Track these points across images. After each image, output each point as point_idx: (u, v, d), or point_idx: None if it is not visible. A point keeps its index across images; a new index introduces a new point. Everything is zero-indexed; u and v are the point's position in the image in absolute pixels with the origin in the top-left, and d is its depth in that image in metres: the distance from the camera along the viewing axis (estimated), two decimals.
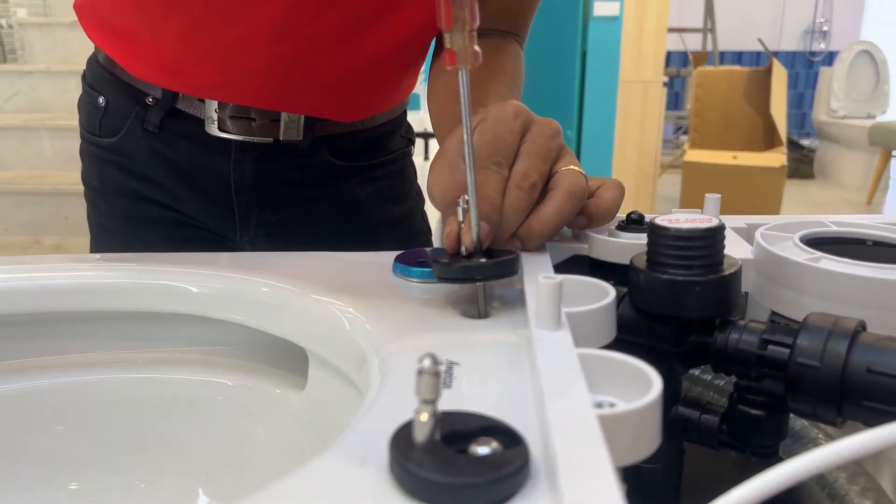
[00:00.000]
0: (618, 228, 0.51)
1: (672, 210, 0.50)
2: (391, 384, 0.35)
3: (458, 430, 0.28)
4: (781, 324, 0.39)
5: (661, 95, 3.74)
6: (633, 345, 0.41)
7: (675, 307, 0.38)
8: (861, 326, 0.34)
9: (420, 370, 0.26)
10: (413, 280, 0.51)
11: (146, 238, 0.86)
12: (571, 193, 0.49)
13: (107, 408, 0.56)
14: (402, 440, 0.28)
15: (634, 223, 0.51)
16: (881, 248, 0.48)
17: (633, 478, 0.42)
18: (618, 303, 0.41)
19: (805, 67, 6.95)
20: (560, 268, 0.51)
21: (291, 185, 0.84)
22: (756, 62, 6.62)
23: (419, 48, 0.81)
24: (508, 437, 0.28)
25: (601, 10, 3.34)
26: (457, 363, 0.37)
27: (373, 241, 0.90)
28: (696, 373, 0.51)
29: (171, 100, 0.80)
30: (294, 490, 0.27)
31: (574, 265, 0.52)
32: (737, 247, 0.50)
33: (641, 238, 0.48)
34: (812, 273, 0.41)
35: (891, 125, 5.08)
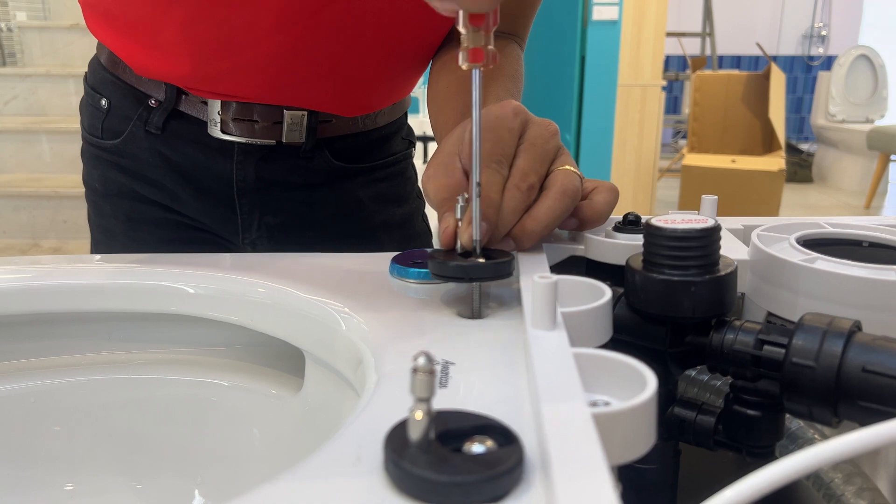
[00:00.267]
0: (614, 229, 0.51)
1: (669, 211, 0.50)
2: (387, 383, 0.35)
3: (453, 429, 0.28)
4: (777, 324, 0.39)
5: (660, 99, 3.74)
6: (630, 345, 0.41)
7: (671, 307, 0.38)
8: (856, 326, 0.34)
9: (415, 368, 0.26)
10: (410, 281, 0.51)
11: (147, 240, 0.86)
12: (565, 193, 0.49)
13: (103, 409, 0.56)
14: (397, 439, 0.28)
15: (631, 224, 0.51)
16: (877, 249, 0.48)
17: (630, 478, 0.42)
18: (614, 303, 0.41)
19: (803, 72, 6.96)
20: (557, 268, 0.51)
21: (293, 188, 0.84)
22: (754, 66, 6.63)
23: (423, 43, 0.81)
24: (503, 436, 0.28)
25: (600, 15, 3.35)
26: (452, 363, 0.37)
27: (374, 243, 0.90)
28: (693, 373, 0.51)
29: (174, 102, 0.80)
30: (288, 489, 0.27)
31: (571, 266, 0.52)
32: (733, 247, 0.50)
33: (638, 239, 0.48)
34: (808, 274, 0.41)
35: (889, 129, 5.08)
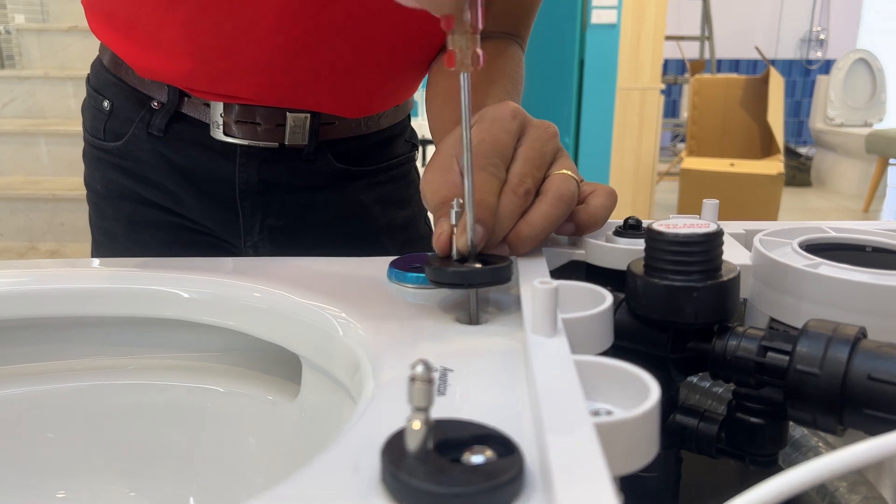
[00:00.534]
0: (615, 234, 0.51)
1: (670, 215, 0.49)
2: (384, 391, 0.35)
3: (452, 439, 0.28)
4: (780, 330, 0.38)
5: (659, 103, 3.75)
6: (631, 351, 0.40)
7: (673, 313, 0.38)
8: (861, 333, 0.34)
9: (412, 377, 0.25)
10: (408, 286, 0.50)
11: (149, 242, 0.85)
12: (560, 198, 0.48)
13: (97, 414, 0.55)
14: (395, 448, 0.27)
15: (632, 228, 0.50)
16: (881, 254, 0.47)
17: (631, 487, 0.41)
18: (615, 309, 0.40)
19: (802, 76, 6.98)
20: (557, 273, 0.51)
21: (296, 190, 0.84)
22: (753, 70, 6.64)
23: (425, 45, 0.80)
24: (503, 446, 0.28)
25: (599, 18, 3.35)
26: (451, 370, 0.37)
27: (376, 246, 0.90)
28: (695, 380, 0.50)
29: (177, 104, 0.80)
30: (284, 498, 0.26)
31: (571, 271, 0.52)
32: (735, 253, 0.49)
33: (639, 243, 0.48)
34: (811, 279, 0.41)
35: (888, 133, 5.09)
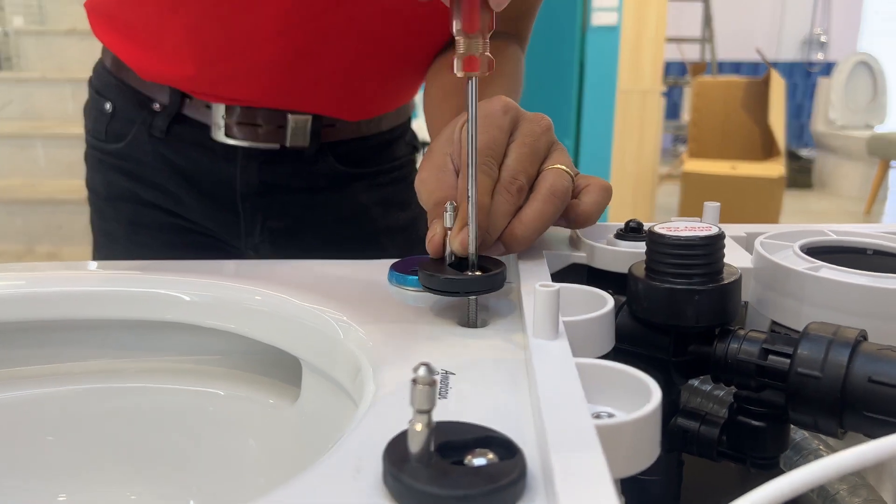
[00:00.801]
0: (616, 237, 0.51)
1: (671, 218, 0.49)
2: (386, 394, 0.35)
3: (454, 441, 0.28)
4: (782, 333, 0.38)
5: (660, 105, 3.74)
6: (632, 354, 0.40)
7: (675, 316, 0.38)
8: (862, 336, 0.34)
9: (415, 380, 0.25)
10: (409, 288, 0.50)
11: (150, 244, 0.86)
12: (553, 195, 0.47)
13: (98, 418, 0.55)
14: (397, 451, 0.27)
15: (633, 231, 0.50)
16: (881, 258, 0.47)
17: (633, 490, 0.41)
18: (616, 312, 0.41)
19: (803, 78, 6.98)
20: (558, 276, 0.51)
21: (297, 192, 0.84)
22: (754, 72, 6.64)
23: (427, 47, 0.81)
24: (505, 448, 0.28)
25: (599, 20, 3.35)
26: (453, 373, 0.37)
27: (377, 248, 0.90)
28: (696, 383, 0.50)
29: (178, 106, 0.80)
30: (286, 501, 0.26)
31: (572, 274, 0.52)
32: (736, 255, 0.49)
33: (640, 246, 0.48)
34: (812, 282, 0.41)
35: (889, 136, 5.09)
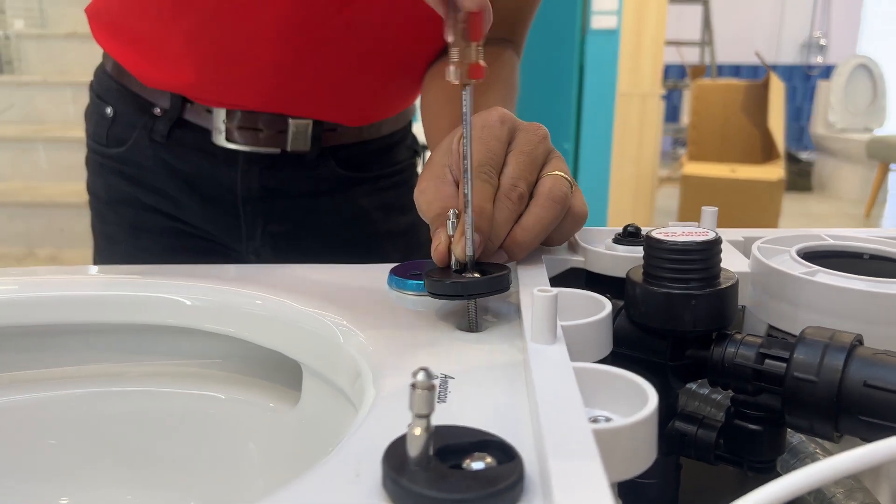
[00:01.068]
0: (614, 241, 0.51)
1: (669, 223, 0.49)
2: (385, 398, 0.35)
3: (453, 445, 0.28)
4: (778, 338, 0.39)
5: (659, 108, 3.74)
6: (630, 358, 0.40)
7: (672, 321, 0.38)
8: (858, 340, 0.34)
9: (413, 384, 0.26)
10: (408, 293, 0.51)
11: (151, 248, 0.86)
12: (552, 200, 0.48)
13: (98, 421, 0.55)
14: (396, 455, 0.27)
15: (631, 236, 0.51)
16: (878, 262, 0.47)
17: (631, 493, 0.42)
18: (614, 316, 0.41)
19: (802, 81, 6.98)
20: (556, 281, 0.51)
21: (298, 196, 0.84)
22: (754, 75, 6.64)
23: (427, 53, 0.81)
24: (503, 452, 0.28)
25: (599, 23, 3.35)
26: (451, 377, 0.37)
27: (378, 252, 0.90)
28: (693, 387, 0.51)
29: (179, 110, 0.80)
30: None
31: (570, 278, 0.52)
32: (733, 260, 0.49)
33: (638, 251, 0.48)
34: (809, 287, 0.41)
35: (889, 139, 5.09)
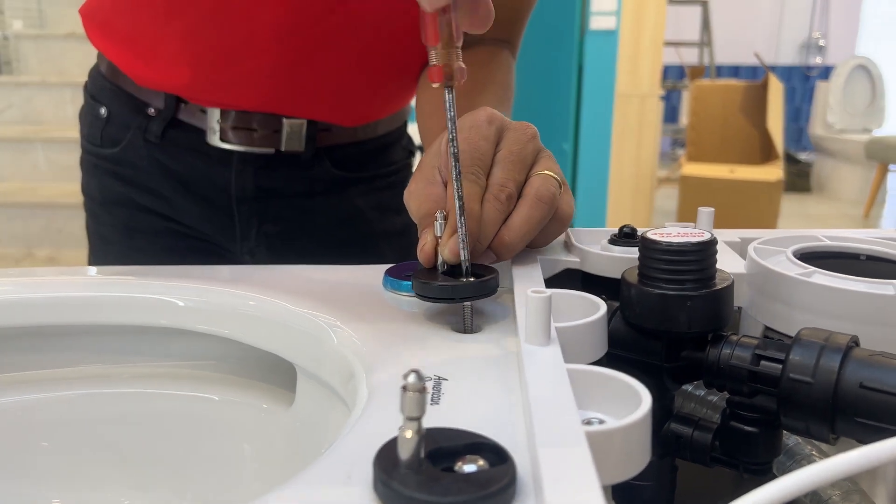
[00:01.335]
0: (610, 242, 0.51)
1: (665, 223, 0.49)
2: (378, 399, 0.35)
3: (444, 448, 0.28)
4: (774, 339, 0.38)
5: (658, 109, 3.74)
6: (625, 360, 0.40)
7: (667, 322, 0.38)
8: (854, 342, 0.34)
9: (405, 387, 0.25)
10: (403, 294, 0.50)
11: (146, 249, 0.85)
12: (540, 200, 0.47)
13: (91, 423, 0.55)
14: (387, 457, 0.27)
15: (626, 237, 0.50)
16: (874, 263, 0.47)
17: (627, 496, 0.41)
18: (609, 317, 0.41)
19: (801, 81, 6.98)
20: (551, 282, 0.51)
21: (293, 196, 0.84)
22: (752, 76, 6.64)
23: (422, 53, 0.80)
24: (495, 455, 0.28)
25: (597, 24, 3.35)
26: (445, 378, 0.37)
27: (374, 252, 0.90)
28: (689, 388, 0.50)
29: (173, 110, 0.80)
30: None
31: (566, 279, 0.52)
32: (729, 261, 0.49)
33: (633, 252, 0.48)
34: (804, 288, 0.41)
35: (888, 140, 5.10)
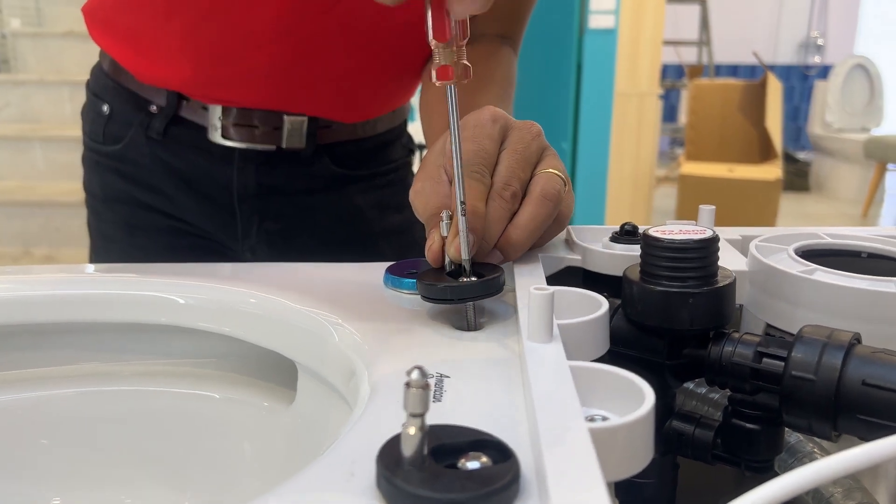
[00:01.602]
0: (611, 239, 0.51)
1: (666, 221, 0.49)
2: (380, 397, 0.35)
3: (448, 444, 0.28)
4: (776, 336, 0.38)
5: (657, 108, 3.74)
6: (627, 357, 0.40)
7: (669, 319, 0.38)
8: (856, 339, 0.34)
9: (408, 383, 0.25)
10: (404, 291, 0.50)
11: (147, 246, 0.86)
12: (545, 197, 0.47)
13: (91, 421, 0.55)
14: (390, 454, 0.27)
15: (628, 234, 0.50)
16: (876, 261, 0.47)
17: (628, 493, 0.41)
18: (611, 315, 0.40)
19: (800, 81, 6.99)
20: (553, 279, 0.51)
21: (293, 194, 0.84)
22: (751, 75, 6.64)
23: (422, 50, 0.81)
24: (498, 452, 0.28)
25: (596, 23, 3.35)
26: (447, 376, 0.37)
27: (374, 250, 0.90)
28: (691, 386, 0.50)
29: (175, 108, 0.80)
30: None
31: (568, 277, 0.52)
32: (731, 258, 0.49)
33: (635, 249, 0.48)
34: (807, 285, 0.41)
35: (886, 139, 5.10)
